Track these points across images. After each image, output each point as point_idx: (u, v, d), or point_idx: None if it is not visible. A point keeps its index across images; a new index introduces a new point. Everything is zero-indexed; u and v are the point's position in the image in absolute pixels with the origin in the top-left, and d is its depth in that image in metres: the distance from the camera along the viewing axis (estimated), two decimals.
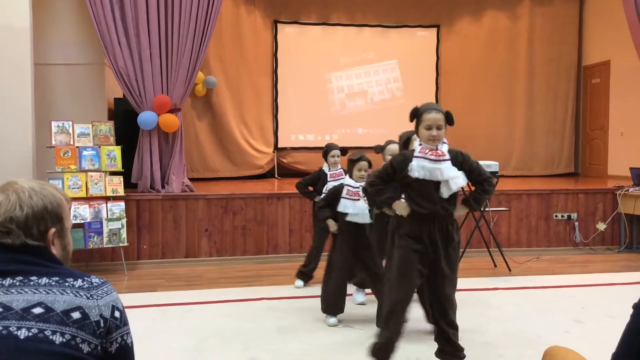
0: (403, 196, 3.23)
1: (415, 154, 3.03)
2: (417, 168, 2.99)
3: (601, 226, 6.94)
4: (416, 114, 3.08)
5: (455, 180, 2.99)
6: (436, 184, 3.01)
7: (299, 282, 5.18)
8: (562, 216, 6.92)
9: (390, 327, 3.09)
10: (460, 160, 3.05)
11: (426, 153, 3.00)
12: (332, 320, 4.11)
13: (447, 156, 3.02)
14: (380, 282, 3.95)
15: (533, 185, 7.52)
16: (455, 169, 3.01)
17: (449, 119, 3.05)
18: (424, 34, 10.05)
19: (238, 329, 4.01)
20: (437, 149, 3.00)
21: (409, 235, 3.07)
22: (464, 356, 3.19)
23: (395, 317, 3.08)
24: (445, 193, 3.01)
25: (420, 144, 3.05)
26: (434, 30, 10.05)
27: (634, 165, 7.49)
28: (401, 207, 3.10)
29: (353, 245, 4.09)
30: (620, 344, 1.51)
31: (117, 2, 6.20)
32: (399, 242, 3.14)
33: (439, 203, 3.01)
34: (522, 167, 10.03)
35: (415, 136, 3.26)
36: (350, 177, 4.08)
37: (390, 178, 3.15)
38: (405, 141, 3.68)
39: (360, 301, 4.62)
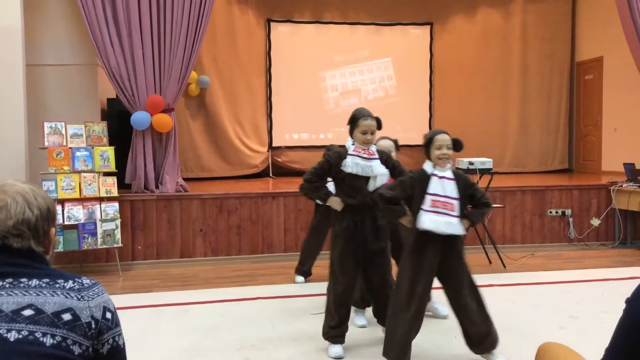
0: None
1: (350, 152, 3.48)
2: (351, 164, 3.45)
3: (595, 222, 6.96)
4: (353, 120, 3.52)
5: (381, 177, 3.48)
6: (366, 179, 3.46)
7: (299, 278, 5.33)
8: (557, 212, 6.93)
9: (340, 315, 3.52)
10: (385, 159, 3.55)
11: (360, 152, 3.47)
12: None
13: (377, 155, 3.50)
14: None
15: (527, 182, 7.54)
16: (383, 167, 3.49)
17: (379, 125, 3.51)
18: (417, 31, 10.05)
19: (233, 328, 4.01)
20: (368, 149, 3.48)
21: (345, 226, 3.47)
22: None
23: (343, 307, 3.53)
24: (371, 187, 3.46)
25: (353, 144, 3.52)
26: (428, 27, 10.06)
27: (628, 160, 7.52)
28: (335, 202, 3.52)
29: None
30: (613, 339, 1.52)
31: (108, 2, 6.17)
32: (335, 236, 3.54)
33: (368, 195, 3.45)
34: (516, 163, 10.05)
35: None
36: None
37: (326, 174, 3.57)
38: (428, 141, 3.46)
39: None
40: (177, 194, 6.31)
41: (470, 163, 5.82)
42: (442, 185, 3.20)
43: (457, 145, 3.29)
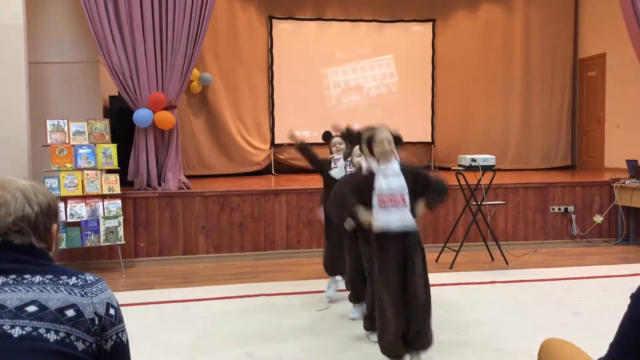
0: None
1: None
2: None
3: (598, 218, 6.95)
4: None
5: None
6: None
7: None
8: (559, 209, 6.92)
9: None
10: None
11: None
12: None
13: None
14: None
15: (530, 179, 7.53)
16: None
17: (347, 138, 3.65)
18: (419, 28, 10.03)
19: (235, 325, 4.01)
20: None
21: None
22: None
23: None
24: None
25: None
26: (430, 24, 10.04)
27: (630, 157, 7.50)
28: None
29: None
30: (618, 334, 1.52)
31: (110, 0, 6.17)
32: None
33: None
34: (519, 160, 10.03)
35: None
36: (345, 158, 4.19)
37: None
38: (369, 138, 3.73)
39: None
40: (179, 192, 6.32)
41: (473, 160, 5.81)
42: (388, 181, 3.10)
43: (398, 141, 3.21)
